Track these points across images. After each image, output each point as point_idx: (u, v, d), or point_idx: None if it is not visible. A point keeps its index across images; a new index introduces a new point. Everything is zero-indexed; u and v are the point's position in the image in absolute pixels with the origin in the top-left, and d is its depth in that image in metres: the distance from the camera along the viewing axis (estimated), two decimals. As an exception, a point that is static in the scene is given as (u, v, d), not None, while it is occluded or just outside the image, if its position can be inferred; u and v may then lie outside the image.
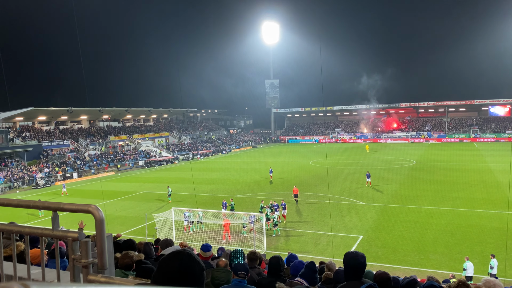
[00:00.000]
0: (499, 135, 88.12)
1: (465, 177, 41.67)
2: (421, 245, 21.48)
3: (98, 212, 1.93)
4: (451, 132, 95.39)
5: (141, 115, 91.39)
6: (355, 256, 4.06)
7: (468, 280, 16.18)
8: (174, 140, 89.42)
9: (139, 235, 24.49)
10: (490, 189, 35.22)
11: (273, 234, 24.28)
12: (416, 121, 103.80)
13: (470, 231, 23.55)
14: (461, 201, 31.05)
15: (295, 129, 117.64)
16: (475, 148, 74.51)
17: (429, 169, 48.67)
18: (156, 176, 53.37)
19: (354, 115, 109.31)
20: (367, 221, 26.66)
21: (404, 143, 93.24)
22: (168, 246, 7.23)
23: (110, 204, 35.24)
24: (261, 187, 40.88)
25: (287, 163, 59.80)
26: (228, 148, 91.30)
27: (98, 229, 1.97)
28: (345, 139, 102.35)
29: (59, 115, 71.49)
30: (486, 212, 27.56)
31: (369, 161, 59.20)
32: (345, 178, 44.13)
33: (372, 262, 18.67)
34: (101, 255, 1.96)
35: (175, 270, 1.65)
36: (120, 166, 64.20)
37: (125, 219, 30.17)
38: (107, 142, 73.84)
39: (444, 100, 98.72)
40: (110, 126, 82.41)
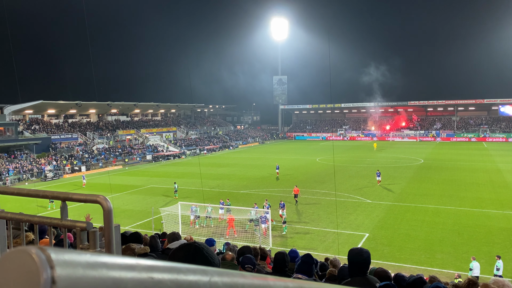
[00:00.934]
0: (509, 135, 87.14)
1: (473, 176, 41.34)
2: (427, 244, 21.39)
3: (107, 202, 1.95)
4: (460, 131, 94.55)
5: (149, 110, 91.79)
6: (359, 252, 4.06)
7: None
8: (181, 135, 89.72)
9: (145, 228, 24.66)
10: (498, 189, 34.91)
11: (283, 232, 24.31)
12: (425, 120, 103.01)
13: (477, 231, 23.39)
14: (469, 200, 30.82)
15: (302, 125, 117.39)
16: (484, 147, 73.81)
17: (437, 168, 48.34)
18: (163, 171, 53.64)
19: (362, 112, 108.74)
20: (374, 219, 26.59)
21: (412, 141, 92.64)
22: (175, 239, 7.28)
23: (117, 198, 35.49)
24: (268, 183, 40.91)
25: (294, 160, 59.76)
26: (235, 144, 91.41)
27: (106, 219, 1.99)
28: (353, 137, 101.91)
29: (68, 108, 72.06)
30: (494, 212, 27.34)
31: (377, 159, 58.93)
32: (352, 175, 44.00)
33: (378, 260, 18.63)
34: (109, 245, 1.97)
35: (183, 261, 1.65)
36: (128, 160, 64.59)
37: (132, 212, 30.41)
38: (115, 136, 74.32)
39: (454, 99, 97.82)
40: (118, 120, 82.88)
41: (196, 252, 1.64)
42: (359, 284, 3.83)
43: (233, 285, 0.94)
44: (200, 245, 1.68)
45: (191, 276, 0.84)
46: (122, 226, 25.24)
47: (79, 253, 0.64)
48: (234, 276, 0.98)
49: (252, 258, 4.42)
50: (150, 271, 0.76)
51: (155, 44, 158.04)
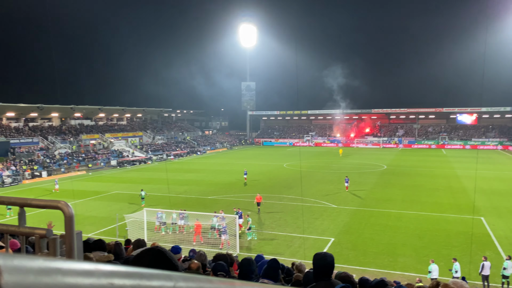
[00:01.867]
0: (465, 143, 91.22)
1: (433, 182, 42.91)
2: (390, 248, 21.97)
3: (68, 208, 1.91)
4: (421, 138, 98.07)
5: (114, 114, 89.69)
6: (323, 257, 4.14)
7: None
8: (147, 140, 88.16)
9: (109, 235, 24.01)
10: (456, 194, 36.40)
11: (249, 237, 24.19)
12: (387, 127, 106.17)
13: (437, 234, 24.26)
14: (429, 205, 31.95)
15: (270, 131, 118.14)
16: (443, 154, 76.84)
17: (399, 174, 49.86)
18: (129, 176, 52.47)
19: (328, 119, 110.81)
20: (339, 224, 27.06)
21: (375, 148, 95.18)
22: (140, 247, 7.14)
23: (80, 204, 34.39)
24: (236, 189, 40.84)
25: (262, 165, 59.99)
26: (203, 149, 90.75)
27: (68, 226, 1.94)
28: (319, 143, 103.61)
29: (28, 111, 69.30)
30: (452, 216, 28.46)
31: (342, 165, 60.10)
32: (318, 181, 44.63)
33: (342, 264, 18.96)
34: (70, 252, 1.93)
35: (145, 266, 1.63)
36: (92, 165, 62.76)
37: (96, 219, 29.53)
38: (78, 140, 72.09)
39: (415, 107, 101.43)
40: (82, 124, 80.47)
41: (159, 256, 1.63)
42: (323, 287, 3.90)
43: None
44: (163, 249, 1.67)
45: (154, 281, 0.81)
46: (85, 233, 24.47)
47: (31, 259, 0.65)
48: (200, 281, 0.98)
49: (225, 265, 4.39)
50: (110, 277, 0.73)
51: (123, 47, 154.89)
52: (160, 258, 1.62)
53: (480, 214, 28.83)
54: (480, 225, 26.13)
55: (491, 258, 18.96)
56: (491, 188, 38.62)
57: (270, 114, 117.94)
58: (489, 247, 21.85)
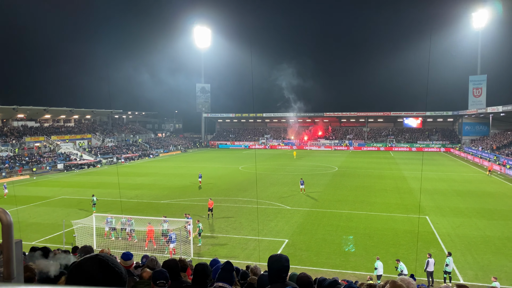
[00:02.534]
0: (412, 145, 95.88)
1: (381, 183, 44.66)
2: (342, 248, 22.57)
3: (6, 215, 1.77)
4: (370, 141, 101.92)
5: (61, 115, 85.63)
6: (278, 259, 4.14)
7: (378, 278, 17.41)
8: (97, 143, 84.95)
9: (55, 243, 22.84)
10: (403, 194, 38.10)
11: (199, 243, 23.68)
12: (339, 130, 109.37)
13: (385, 234, 25.24)
14: (378, 206, 33.20)
15: (225, 134, 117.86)
16: (391, 156, 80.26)
17: (350, 175, 51.45)
18: (77, 181, 50.26)
19: (282, 122, 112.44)
20: (293, 225, 27.44)
21: (328, 150, 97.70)
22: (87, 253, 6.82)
23: (23, 210, 32.48)
24: (190, 192, 40.29)
25: (217, 168, 59.66)
26: (155, 152, 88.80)
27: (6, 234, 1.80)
28: (274, 145, 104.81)
29: (-36, 112, 64.61)
30: (399, 216, 29.74)
31: (296, 167, 61.08)
32: (273, 183, 45.05)
33: (296, 265, 19.22)
34: (8, 263, 1.79)
35: (87, 277, 1.51)
36: (36, 169, 59.50)
37: (40, 226, 27.98)
38: (21, 143, 68.07)
39: (364, 111, 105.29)
40: (25, 126, 76.11)
41: (101, 264, 1.53)
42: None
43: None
44: (104, 257, 1.57)
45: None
46: (29, 241, 23.14)
47: None
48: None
49: (165, 272, 4.24)
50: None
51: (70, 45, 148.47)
52: (102, 266, 1.53)
53: (425, 213, 30.37)
54: (425, 224, 27.51)
55: (435, 255, 20.01)
56: (434, 188, 40.80)
57: (225, 117, 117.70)
58: (433, 245, 23.03)
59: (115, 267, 1.59)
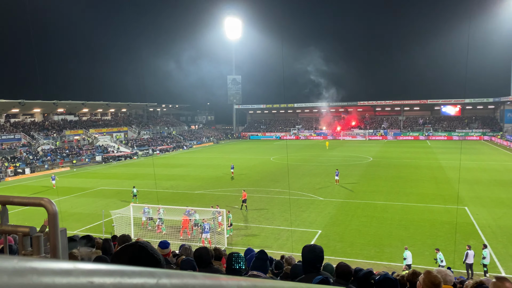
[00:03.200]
0: (450, 134, 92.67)
1: (418, 173, 43.52)
2: (376, 239, 22.24)
3: (51, 205, 1.85)
4: (406, 130, 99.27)
5: (98, 109, 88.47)
6: (312, 249, 4.15)
7: (407, 268, 17.14)
8: (133, 135, 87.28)
9: (95, 232, 23.77)
10: (441, 185, 37.00)
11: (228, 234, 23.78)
12: (373, 119, 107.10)
13: (422, 225, 24.65)
14: (414, 196, 32.42)
15: (256, 125, 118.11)
16: (428, 145, 77.96)
17: (385, 165, 50.43)
18: (114, 172, 51.94)
19: (314, 112, 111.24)
20: (326, 216, 27.27)
21: (361, 140, 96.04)
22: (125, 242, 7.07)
23: (65, 201, 33.95)
24: (223, 183, 40.78)
25: (249, 159, 60.00)
26: (189, 144, 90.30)
27: (51, 223, 1.89)
28: (306, 136, 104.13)
29: (9, 107, 67.87)
30: (437, 207, 28.93)
31: (329, 157, 60.50)
32: (305, 174, 44.85)
33: (330, 256, 19.13)
34: (54, 250, 1.88)
35: (126, 263, 1.60)
36: (76, 161, 61.93)
37: (81, 215, 29.19)
38: (62, 136, 70.97)
39: (400, 99, 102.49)
40: (65, 119, 79.21)
41: (141, 251, 1.60)
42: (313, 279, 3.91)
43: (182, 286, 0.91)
44: (144, 244, 1.64)
45: (136, 279, 0.80)
46: (71, 230, 24.18)
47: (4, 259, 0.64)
48: (184, 277, 0.95)
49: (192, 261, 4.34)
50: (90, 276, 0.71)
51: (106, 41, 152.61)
52: (141, 253, 1.60)
53: (464, 204, 29.39)
54: (464, 215, 26.64)
55: (474, 246, 19.36)
56: (474, 178, 39.36)
57: (256, 108, 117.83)
58: (473, 236, 22.30)
59: (154, 253, 1.65)
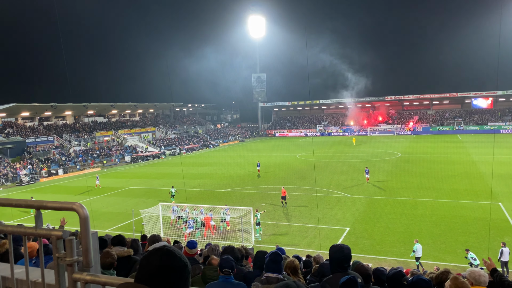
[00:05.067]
0: (482, 127, 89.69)
1: (448, 168, 42.35)
2: (406, 236, 21.80)
3: (83, 209, 1.92)
4: (436, 124, 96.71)
5: (126, 110, 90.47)
6: (340, 249, 4.12)
7: (417, 260, 17.67)
8: (160, 135, 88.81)
9: (126, 231, 24.35)
10: (473, 180, 35.88)
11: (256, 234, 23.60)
12: (401, 114, 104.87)
13: (453, 221, 23.99)
14: (445, 192, 31.58)
15: (282, 123, 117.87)
16: (459, 140, 75.73)
17: (414, 161, 49.33)
18: (143, 172, 53.01)
19: (340, 108, 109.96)
20: (354, 213, 26.96)
21: (389, 135, 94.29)
22: (155, 242, 7.20)
23: (96, 201, 34.92)
24: (249, 181, 40.94)
25: (275, 157, 59.97)
26: (215, 143, 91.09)
27: (83, 227, 1.96)
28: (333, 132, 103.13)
29: (42, 110, 70.35)
30: (469, 203, 28.09)
31: (356, 154, 59.71)
32: (332, 171, 44.45)
33: (358, 254, 18.92)
34: (86, 253, 1.95)
35: (155, 266, 1.65)
36: (106, 161, 63.56)
37: (112, 215, 29.96)
38: (92, 137, 72.98)
39: (428, 93, 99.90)
40: (95, 121, 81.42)
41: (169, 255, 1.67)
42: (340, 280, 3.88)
43: None
44: (171, 248, 1.70)
45: None
46: (102, 229, 24.86)
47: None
48: None
49: (231, 260, 4.41)
50: None
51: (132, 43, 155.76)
52: (169, 257, 1.66)
53: (498, 200, 28.41)
54: (498, 211, 25.75)
55: (510, 244, 18.69)
56: (508, 173, 37.96)
57: (281, 105, 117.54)
58: (508, 233, 21.53)
59: (181, 257, 1.71)
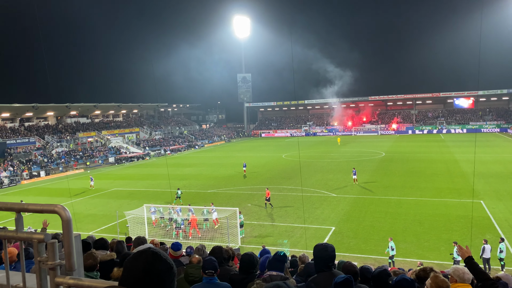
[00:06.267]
0: (463, 127, 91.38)
1: (432, 167, 43.02)
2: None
3: (65, 212, 1.88)
4: (419, 124, 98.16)
5: (110, 111, 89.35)
6: (324, 248, 4.14)
7: (391, 258, 18.02)
8: (144, 136, 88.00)
9: (110, 233, 24.05)
10: (455, 178, 36.51)
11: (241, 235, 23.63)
12: (385, 114, 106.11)
13: (437, 219, 24.37)
14: (429, 191, 32.06)
15: (267, 123, 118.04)
16: (441, 139, 76.99)
17: (398, 160, 49.96)
18: (127, 173, 52.43)
19: (325, 108, 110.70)
20: (339, 212, 27.15)
21: (373, 135, 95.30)
22: (140, 244, 7.13)
23: (79, 203, 34.40)
24: (235, 181, 40.87)
25: (260, 157, 60.01)
26: (200, 143, 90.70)
27: (65, 229, 1.92)
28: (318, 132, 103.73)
29: (23, 111, 68.97)
30: (452, 201, 28.57)
31: (341, 153, 60.17)
32: (317, 170, 44.69)
33: (344, 253, 19.05)
34: (69, 256, 1.91)
35: (140, 269, 1.61)
36: (90, 163, 62.68)
37: (95, 217, 29.53)
38: (75, 138, 71.88)
39: (412, 93, 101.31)
40: (78, 122, 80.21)
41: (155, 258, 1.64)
42: (326, 279, 3.90)
43: None
44: (156, 250, 1.68)
45: None
46: (86, 231, 24.49)
47: None
48: None
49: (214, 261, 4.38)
50: None
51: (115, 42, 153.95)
52: (155, 260, 1.63)
53: (480, 198, 28.97)
54: (480, 209, 26.26)
55: (491, 241, 19.07)
56: (489, 171, 38.76)
57: (267, 105, 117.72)
58: (490, 230, 21.97)
59: (167, 259, 1.69)
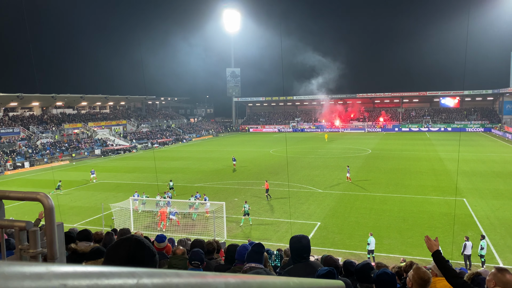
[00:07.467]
0: (448, 125, 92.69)
1: (417, 165, 43.60)
2: (375, 231, 22.28)
3: (47, 200, 1.86)
4: (405, 122, 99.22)
5: (97, 102, 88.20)
6: (298, 240, 4.23)
7: (369, 253, 18.45)
8: (132, 129, 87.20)
9: (95, 225, 23.86)
10: (439, 176, 37.08)
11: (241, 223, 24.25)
12: (372, 111, 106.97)
13: (420, 216, 24.75)
14: (413, 188, 32.51)
15: (256, 118, 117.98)
16: (427, 137, 77.99)
17: (384, 157, 50.50)
18: (113, 165, 51.96)
19: (313, 105, 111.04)
20: (325, 208, 27.37)
21: (360, 132, 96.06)
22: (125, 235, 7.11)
23: (64, 194, 34.00)
24: (222, 176, 40.84)
25: (248, 152, 60.02)
26: (188, 137, 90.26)
27: (48, 217, 1.90)
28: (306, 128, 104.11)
29: (8, 101, 67.61)
30: (435, 198, 29.04)
31: (328, 150, 60.53)
32: (304, 166, 44.92)
33: (329, 248, 19.25)
34: (51, 244, 1.89)
35: (123, 256, 1.60)
36: (75, 155, 61.92)
37: (81, 209, 29.25)
38: (61, 130, 70.86)
39: (399, 91, 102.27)
40: (64, 113, 79.04)
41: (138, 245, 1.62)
42: (301, 269, 3.97)
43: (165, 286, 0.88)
44: (139, 238, 1.66)
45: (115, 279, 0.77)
46: (71, 223, 24.26)
47: None
48: (167, 276, 0.92)
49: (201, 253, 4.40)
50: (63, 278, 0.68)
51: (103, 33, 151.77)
52: (137, 246, 1.62)
53: (462, 196, 29.50)
54: (463, 206, 26.75)
55: (473, 238, 19.46)
56: (473, 170, 39.46)
57: (255, 101, 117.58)
58: (471, 227, 22.41)
59: (150, 247, 1.68)
